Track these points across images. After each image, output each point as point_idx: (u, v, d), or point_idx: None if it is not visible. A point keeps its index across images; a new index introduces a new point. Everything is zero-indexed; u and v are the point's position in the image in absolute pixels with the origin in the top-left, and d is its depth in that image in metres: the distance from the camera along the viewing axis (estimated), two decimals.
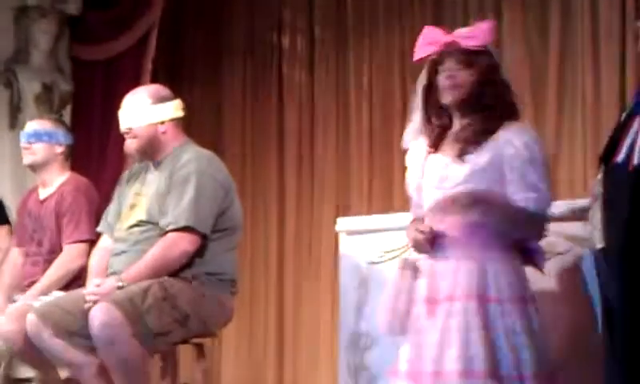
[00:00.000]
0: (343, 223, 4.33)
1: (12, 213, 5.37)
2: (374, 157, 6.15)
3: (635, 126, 3.15)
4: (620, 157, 3.14)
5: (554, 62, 5.41)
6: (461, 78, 3.38)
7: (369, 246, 4.13)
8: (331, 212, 6.28)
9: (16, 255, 4.90)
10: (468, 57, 3.38)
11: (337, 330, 5.98)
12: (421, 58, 3.49)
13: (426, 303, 3.32)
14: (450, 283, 3.29)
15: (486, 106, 3.38)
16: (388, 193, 5.98)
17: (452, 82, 3.38)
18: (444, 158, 3.40)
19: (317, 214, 6.46)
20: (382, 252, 4.12)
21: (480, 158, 3.33)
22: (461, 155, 3.35)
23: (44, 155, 4.84)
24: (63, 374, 4.45)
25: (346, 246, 4.24)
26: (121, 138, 4.36)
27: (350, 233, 4.23)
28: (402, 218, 3.68)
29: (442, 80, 3.40)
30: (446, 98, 3.40)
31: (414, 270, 3.39)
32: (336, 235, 4.56)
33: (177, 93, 4.39)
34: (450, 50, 3.41)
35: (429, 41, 3.46)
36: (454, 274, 3.30)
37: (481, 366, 3.16)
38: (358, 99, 6.31)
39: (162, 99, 4.23)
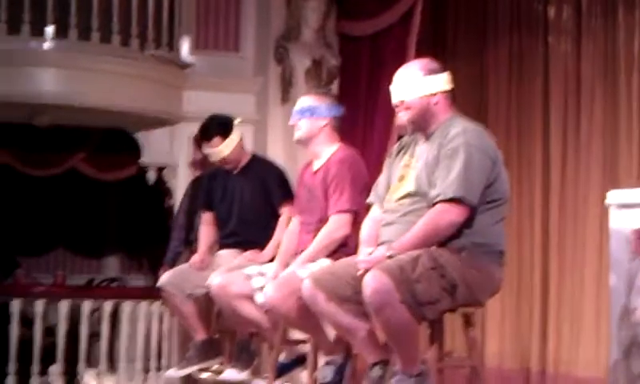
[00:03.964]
0: (614, 196, 4.24)
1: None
2: None
3: None
4: None
5: None
6: None
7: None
8: (597, 184, 6.16)
9: (295, 225, 5.14)
10: None
11: (602, 304, 5.89)
12: None
13: None
14: None
15: None
16: None
17: None
18: None
19: (582, 187, 6.35)
20: None
21: None
22: None
23: (308, 130, 5.03)
24: (331, 335, 4.65)
25: (616, 219, 4.15)
26: (386, 111, 4.45)
27: (621, 206, 4.14)
28: None
29: None
30: None
31: None
32: (602, 208, 4.47)
33: (443, 65, 4.44)
34: None
35: None
36: None
37: None
38: (628, 69, 6.13)
39: (433, 71, 4.29)
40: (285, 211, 5.53)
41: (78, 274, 9.18)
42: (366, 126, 6.80)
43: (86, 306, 7.68)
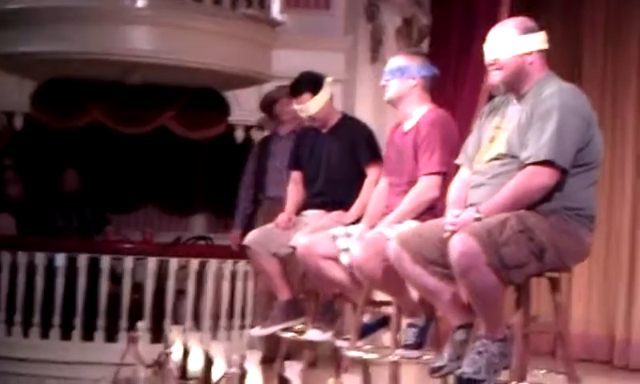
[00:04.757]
0: None
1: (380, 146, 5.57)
2: None
3: None
4: None
5: None
6: None
7: None
8: None
9: (383, 186, 5.09)
10: None
11: None
12: None
13: None
14: None
15: None
16: None
17: None
18: None
19: None
20: None
21: None
22: None
23: (398, 90, 4.96)
24: (415, 297, 4.61)
25: None
26: (478, 71, 4.37)
27: None
28: None
29: None
30: None
31: None
32: None
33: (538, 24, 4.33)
34: None
35: None
36: None
37: None
38: None
39: (528, 30, 4.19)
40: (372, 172, 5.48)
41: (166, 232, 9.27)
42: (457, 86, 6.71)
43: (173, 263, 7.76)
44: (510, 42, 4.15)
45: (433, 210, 4.76)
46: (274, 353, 5.74)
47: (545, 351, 6.41)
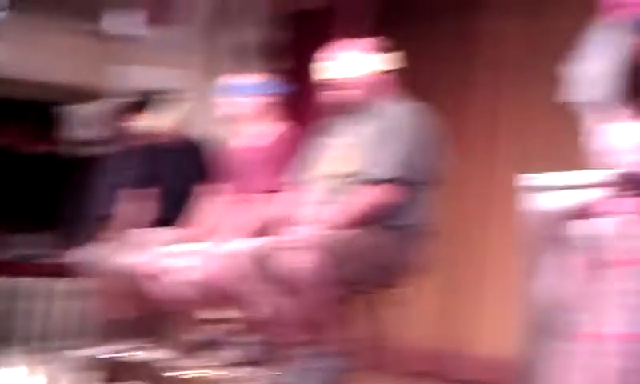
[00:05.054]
0: (526, 179, 4.26)
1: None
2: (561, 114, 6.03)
3: None
4: None
5: None
6: None
7: (558, 202, 4.03)
8: (514, 167, 6.20)
9: (227, 201, 5.06)
10: None
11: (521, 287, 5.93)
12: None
13: (598, 266, 3.29)
14: (623, 247, 3.26)
15: None
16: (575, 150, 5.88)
17: None
18: (628, 123, 3.32)
19: (501, 169, 6.41)
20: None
21: None
22: None
23: (249, 107, 4.96)
24: (259, 312, 4.56)
25: (529, 201, 4.16)
26: (333, 88, 4.39)
27: (534, 189, 4.15)
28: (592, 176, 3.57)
29: None
30: None
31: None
32: (525, 192, 4.47)
33: (390, 44, 4.39)
34: None
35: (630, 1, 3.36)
36: (627, 238, 3.25)
37: None
38: None
39: (376, 51, 4.26)
40: (215, 188, 5.43)
41: None
42: (312, 103, 6.72)
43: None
44: (359, 62, 4.20)
45: (280, 225, 4.74)
46: (111, 374, 5.60)
47: (384, 366, 6.46)
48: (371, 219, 4.06)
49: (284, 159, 4.81)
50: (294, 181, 4.59)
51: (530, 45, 6.45)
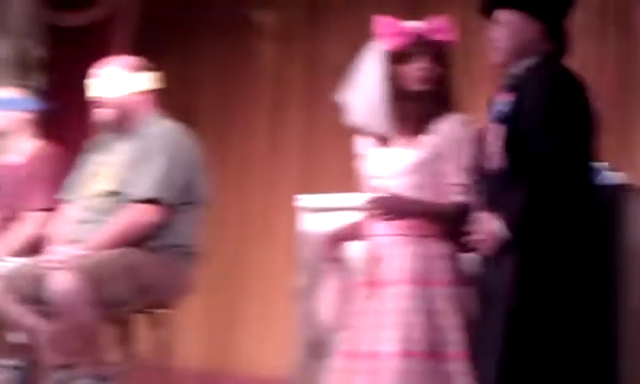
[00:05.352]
0: (305, 200, 4.35)
1: None
2: (341, 136, 6.19)
3: (492, 133, 3.26)
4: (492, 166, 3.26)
5: None
6: (434, 70, 3.46)
7: (330, 223, 4.14)
8: (294, 189, 6.32)
9: None
10: (441, 50, 3.49)
11: (292, 306, 6.05)
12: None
13: (366, 286, 3.42)
14: (390, 268, 3.40)
15: (442, 99, 3.48)
16: (353, 172, 6.05)
17: (427, 74, 3.45)
18: (392, 148, 3.48)
19: (280, 191, 6.51)
20: None
21: (426, 148, 3.44)
22: (410, 145, 3.46)
23: (5, 123, 4.83)
24: (15, 336, 4.46)
25: (306, 222, 4.26)
26: (94, 106, 4.35)
27: (312, 210, 4.26)
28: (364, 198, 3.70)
29: (415, 71, 3.46)
30: (418, 88, 3.46)
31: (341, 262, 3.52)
32: (298, 212, 4.57)
33: (151, 64, 4.38)
34: (424, 42, 3.47)
35: (397, 31, 3.50)
36: (395, 258, 3.40)
37: (419, 347, 3.28)
38: (330, 76, 6.36)
39: (136, 70, 4.23)
40: None
41: None
42: (71, 120, 6.61)
43: None
44: (117, 81, 4.18)
45: (38, 245, 4.64)
46: None
47: None
48: (132, 239, 4.02)
49: (43, 177, 4.70)
50: (57, 199, 4.50)
51: (310, 66, 6.59)
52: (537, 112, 3.15)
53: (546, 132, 3.12)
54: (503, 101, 3.26)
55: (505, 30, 3.33)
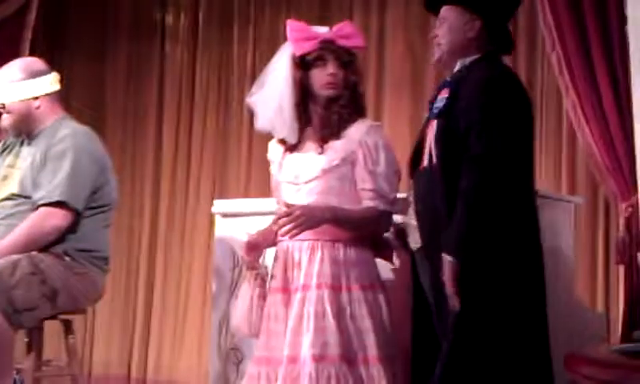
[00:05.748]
0: (219, 205, 4.33)
1: None
2: (253, 141, 6.19)
3: (430, 130, 3.26)
4: (425, 162, 3.26)
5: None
6: (341, 75, 3.48)
7: (244, 228, 4.14)
8: (207, 193, 6.31)
9: None
10: (348, 56, 3.51)
11: (207, 312, 6.02)
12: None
13: (280, 292, 3.43)
14: (304, 273, 3.41)
15: (350, 104, 3.49)
16: (267, 176, 6.05)
17: (334, 80, 3.47)
18: (302, 153, 3.50)
19: (192, 194, 6.49)
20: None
21: (336, 153, 3.45)
22: (320, 150, 3.47)
23: None
24: None
25: (221, 228, 4.24)
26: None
27: (226, 215, 4.23)
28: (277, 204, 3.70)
29: (322, 76, 3.48)
30: (326, 94, 3.47)
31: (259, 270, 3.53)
32: (211, 217, 4.55)
33: (58, 65, 4.31)
34: (331, 48, 3.49)
35: (305, 36, 3.52)
36: (308, 264, 3.41)
37: (334, 351, 3.30)
38: (241, 81, 6.37)
39: (35, 74, 4.14)
40: None
41: None
42: None
43: None
44: (14, 87, 4.09)
45: None
46: None
47: None
48: (39, 243, 3.94)
49: None
50: None
51: (222, 70, 6.58)
52: (473, 111, 3.13)
53: (482, 132, 3.10)
54: (442, 98, 3.26)
55: (446, 26, 3.35)
